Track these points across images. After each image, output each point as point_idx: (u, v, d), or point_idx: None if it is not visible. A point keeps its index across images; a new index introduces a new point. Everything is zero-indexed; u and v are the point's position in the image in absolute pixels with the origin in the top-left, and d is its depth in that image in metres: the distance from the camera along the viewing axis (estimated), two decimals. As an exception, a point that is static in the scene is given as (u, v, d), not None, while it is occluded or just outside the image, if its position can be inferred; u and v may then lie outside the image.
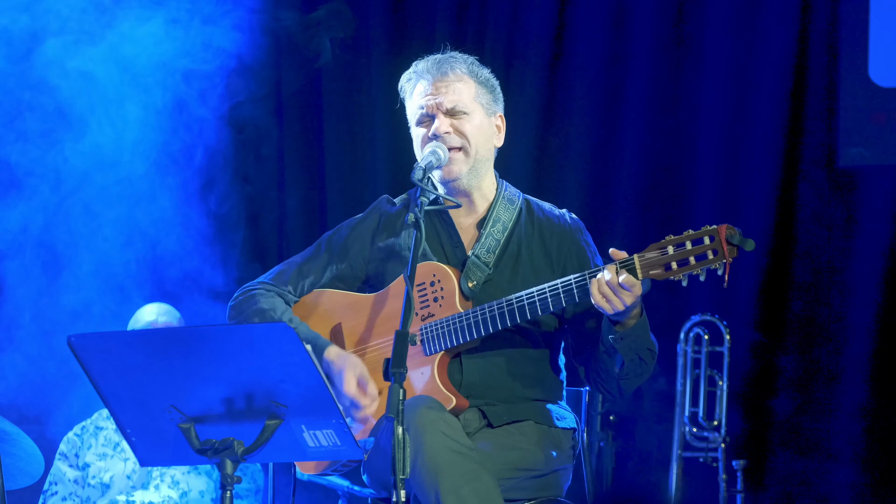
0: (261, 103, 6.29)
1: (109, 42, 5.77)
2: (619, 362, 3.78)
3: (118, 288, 6.03)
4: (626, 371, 3.81)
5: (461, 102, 3.92)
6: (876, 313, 6.03)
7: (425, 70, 3.97)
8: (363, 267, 4.07)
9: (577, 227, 4.02)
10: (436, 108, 3.93)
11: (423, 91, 3.96)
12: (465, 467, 3.56)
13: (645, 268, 3.63)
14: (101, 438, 5.50)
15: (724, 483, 5.90)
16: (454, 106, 3.92)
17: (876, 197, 6.07)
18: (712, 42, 6.23)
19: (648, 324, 3.76)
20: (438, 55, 4.01)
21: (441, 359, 3.85)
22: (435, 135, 3.90)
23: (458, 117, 3.92)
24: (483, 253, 3.92)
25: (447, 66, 3.95)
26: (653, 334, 3.81)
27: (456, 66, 3.96)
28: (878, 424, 6.01)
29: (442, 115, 3.92)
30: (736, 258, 3.57)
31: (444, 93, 3.93)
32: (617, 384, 3.85)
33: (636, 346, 3.75)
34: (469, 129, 3.92)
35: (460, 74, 3.95)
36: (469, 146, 3.92)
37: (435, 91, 3.93)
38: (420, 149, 3.97)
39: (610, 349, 3.76)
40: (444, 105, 3.92)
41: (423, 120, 3.96)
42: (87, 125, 5.86)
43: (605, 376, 3.85)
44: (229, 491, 3.18)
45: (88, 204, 5.99)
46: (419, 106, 3.96)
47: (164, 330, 3.40)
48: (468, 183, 3.95)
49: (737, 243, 3.56)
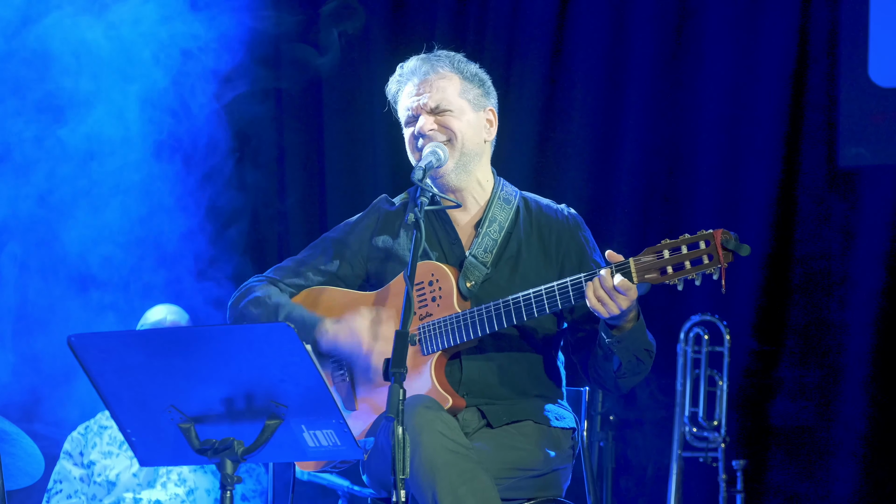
0: (260, 103, 6.29)
1: (106, 23, 5.75)
2: (617, 363, 3.79)
3: (104, 284, 6.03)
4: (624, 371, 3.81)
5: (445, 100, 3.93)
6: (876, 313, 6.03)
7: (410, 72, 3.99)
8: (363, 266, 4.07)
9: (575, 223, 4.01)
10: (420, 108, 3.94)
11: (409, 92, 3.97)
12: (462, 467, 3.56)
13: (640, 271, 3.63)
14: (106, 437, 5.51)
15: (724, 483, 5.90)
16: (438, 104, 3.92)
17: (876, 197, 6.07)
18: (712, 42, 6.23)
19: (645, 325, 3.76)
20: (423, 55, 4.02)
21: (438, 358, 3.85)
22: (421, 133, 3.91)
23: (444, 115, 3.92)
24: (480, 253, 3.92)
25: (429, 65, 3.96)
26: (650, 333, 3.81)
27: (439, 64, 3.96)
28: (879, 424, 6.01)
29: (426, 114, 3.92)
30: (740, 257, 3.57)
31: (428, 91, 3.93)
32: (615, 382, 3.86)
33: (633, 347, 3.75)
34: (456, 124, 3.92)
35: (444, 72, 3.95)
36: (455, 139, 3.92)
37: (419, 91, 3.94)
38: (410, 151, 3.97)
39: (607, 351, 3.76)
40: (429, 104, 3.93)
41: (410, 121, 3.97)
42: (81, 113, 5.84)
43: (603, 374, 3.86)
44: (229, 491, 3.18)
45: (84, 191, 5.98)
46: (406, 108, 3.97)
47: (164, 330, 3.41)
48: (457, 178, 3.94)
49: (732, 248, 3.56)
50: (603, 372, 3.85)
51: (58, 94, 5.83)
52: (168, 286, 6.06)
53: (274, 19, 6.09)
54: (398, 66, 4.04)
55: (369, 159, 6.52)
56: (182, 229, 6.13)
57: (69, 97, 5.84)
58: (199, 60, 5.91)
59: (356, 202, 6.19)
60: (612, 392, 3.97)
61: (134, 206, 6.06)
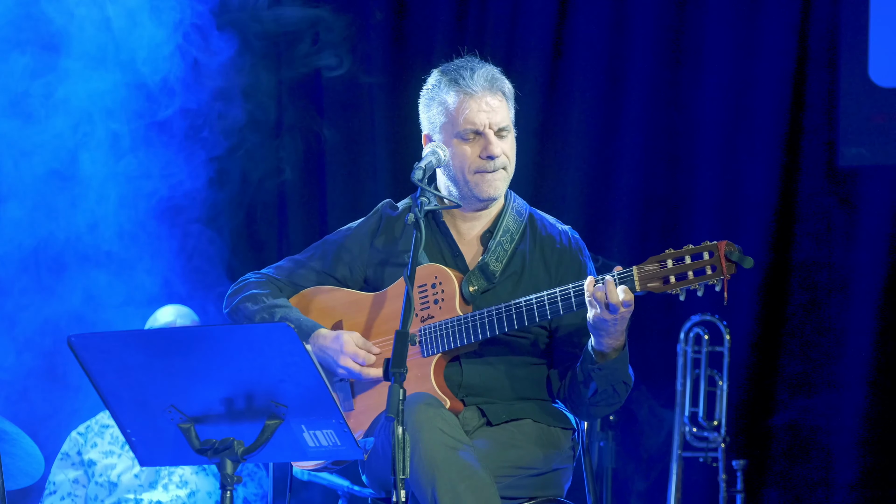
0: (261, 103, 6.29)
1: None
2: (593, 389, 3.79)
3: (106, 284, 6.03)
4: (598, 399, 3.82)
5: (505, 121, 3.91)
6: (877, 313, 6.03)
7: (472, 82, 3.90)
8: (362, 270, 4.07)
9: (577, 247, 4.02)
10: (488, 127, 3.89)
11: (472, 107, 3.88)
12: (461, 464, 3.56)
13: (643, 280, 3.64)
14: (108, 436, 5.50)
15: (724, 483, 5.90)
16: (503, 126, 3.90)
17: (876, 197, 6.07)
18: (712, 42, 6.23)
19: (628, 357, 3.77)
20: (481, 67, 3.93)
21: (438, 361, 3.85)
22: (492, 156, 3.86)
23: (503, 137, 3.91)
24: (492, 261, 3.92)
25: (496, 84, 3.91)
26: (631, 367, 3.82)
27: (503, 84, 3.93)
28: (879, 425, 6.01)
29: (493, 135, 3.89)
30: (736, 273, 3.59)
31: (496, 111, 3.89)
32: (587, 409, 3.87)
33: (613, 378, 3.77)
34: (509, 148, 3.92)
35: (505, 92, 3.93)
36: (510, 165, 3.93)
37: (488, 108, 3.88)
38: (460, 166, 3.89)
39: (587, 376, 3.77)
40: (497, 125, 3.89)
41: (469, 136, 3.89)
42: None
43: (576, 399, 3.87)
44: (229, 491, 3.19)
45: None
46: (468, 121, 3.88)
47: (164, 330, 3.41)
48: (500, 198, 3.97)
49: (735, 260, 3.58)
50: (577, 396, 3.85)
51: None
52: (166, 288, 6.06)
53: (274, 17, 6.08)
54: (446, 70, 3.94)
55: (369, 162, 6.52)
56: (181, 230, 6.14)
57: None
58: (196, 56, 5.91)
59: (356, 204, 6.22)
60: (580, 418, 3.97)
61: (131, 199, 6.06)
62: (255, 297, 4.00)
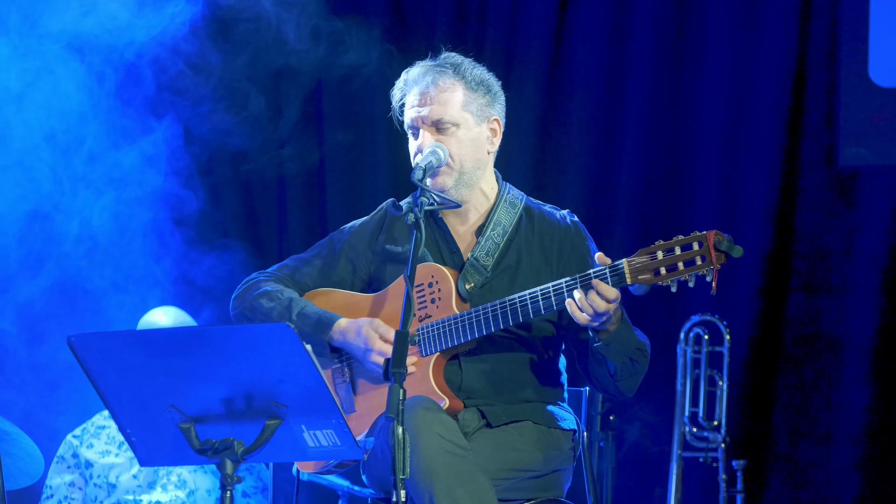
0: (261, 103, 6.29)
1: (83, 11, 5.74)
2: (612, 367, 3.78)
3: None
4: (621, 373, 3.80)
5: (447, 114, 3.87)
6: (876, 313, 6.03)
7: (413, 80, 3.93)
8: (366, 268, 4.06)
9: (577, 231, 3.99)
10: (420, 122, 3.89)
11: (411, 102, 3.92)
12: (459, 469, 3.56)
13: (634, 272, 3.62)
14: (104, 437, 5.50)
15: (724, 483, 5.90)
16: (440, 119, 3.87)
17: (876, 197, 6.07)
18: (712, 42, 6.23)
19: (630, 324, 3.76)
20: (429, 62, 3.95)
21: (437, 360, 3.84)
22: (420, 149, 3.87)
23: (444, 131, 3.88)
24: (482, 256, 3.91)
25: (433, 75, 3.89)
26: (639, 331, 3.80)
27: (443, 74, 3.89)
28: (880, 425, 6.01)
29: (426, 129, 3.88)
30: (735, 259, 3.57)
31: (429, 104, 3.87)
32: (615, 386, 3.85)
33: (623, 349, 3.75)
34: (453, 144, 3.88)
35: (447, 83, 3.88)
36: (453, 161, 3.89)
37: (421, 102, 3.89)
38: (413, 161, 3.93)
39: (599, 356, 3.76)
40: (429, 118, 3.87)
41: (412, 132, 3.93)
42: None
43: (602, 380, 3.85)
44: (229, 491, 3.19)
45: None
46: (409, 118, 3.92)
47: (164, 330, 3.40)
48: (457, 194, 3.91)
49: (724, 249, 3.55)
50: (602, 377, 3.84)
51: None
52: (165, 288, 6.06)
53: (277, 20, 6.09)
54: (403, 71, 3.98)
55: (370, 161, 6.52)
56: (181, 231, 6.14)
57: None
58: (196, 55, 5.91)
59: (357, 204, 6.21)
60: (617, 397, 3.93)
61: (133, 201, 6.06)
62: (270, 295, 3.99)
